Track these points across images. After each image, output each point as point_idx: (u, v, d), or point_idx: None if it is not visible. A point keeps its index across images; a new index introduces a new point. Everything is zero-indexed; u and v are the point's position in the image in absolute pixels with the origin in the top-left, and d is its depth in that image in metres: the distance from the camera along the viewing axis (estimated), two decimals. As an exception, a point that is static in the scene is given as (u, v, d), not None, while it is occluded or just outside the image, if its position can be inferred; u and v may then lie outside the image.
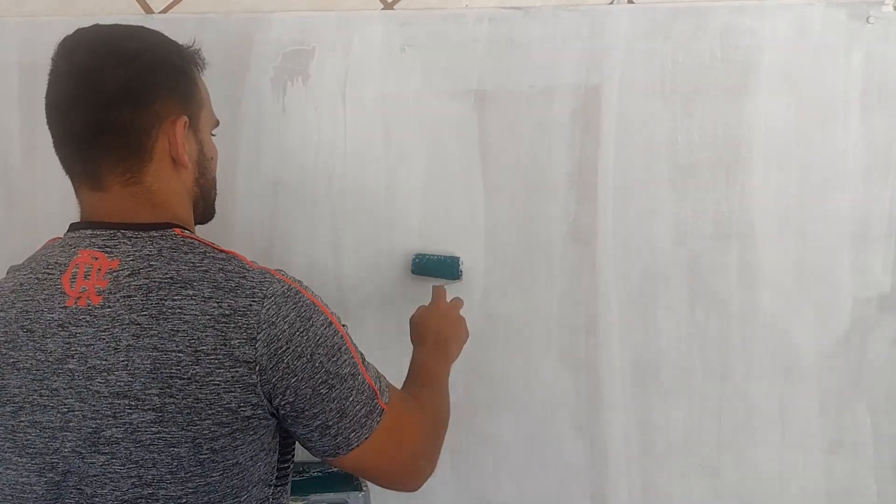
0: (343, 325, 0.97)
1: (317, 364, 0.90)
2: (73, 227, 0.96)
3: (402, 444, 1.00)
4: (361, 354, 0.98)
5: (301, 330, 0.90)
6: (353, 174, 1.43)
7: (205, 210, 1.07)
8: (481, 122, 1.43)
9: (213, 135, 1.10)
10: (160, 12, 1.40)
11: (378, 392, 0.97)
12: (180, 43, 1.03)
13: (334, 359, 0.92)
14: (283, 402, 0.90)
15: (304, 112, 1.42)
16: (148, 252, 0.91)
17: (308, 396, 0.90)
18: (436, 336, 1.26)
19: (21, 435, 0.89)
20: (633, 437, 1.50)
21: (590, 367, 1.49)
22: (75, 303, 0.89)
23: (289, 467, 1.04)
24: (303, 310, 0.91)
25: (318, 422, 0.92)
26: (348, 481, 1.37)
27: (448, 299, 1.36)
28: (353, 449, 0.94)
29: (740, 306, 1.48)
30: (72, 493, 0.88)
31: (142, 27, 1.01)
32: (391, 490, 1.06)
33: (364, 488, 1.32)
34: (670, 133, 1.45)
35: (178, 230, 0.95)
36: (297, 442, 1.00)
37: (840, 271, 1.47)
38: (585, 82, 1.44)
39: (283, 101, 1.42)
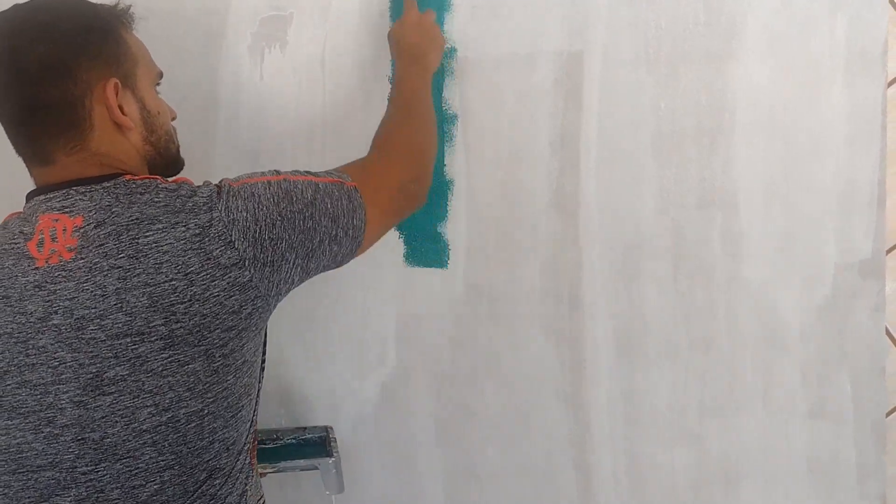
0: (279, 171, 1.02)
1: (288, 214, 0.96)
2: (29, 197, 0.98)
3: (390, 189, 1.12)
4: (311, 172, 1.05)
5: (255, 206, 0.95)
6: (334, 141, 1.41)
7: (167, 164, 1.08)
8: (462, 89, 1.41)
9: (158, 83, 1.09)
10: (132, -23, 1.36)
11: (340, 180, 1.05)
12: (103, 4, 1.02)
13: (293, 199, 0.98)
14: (292, 265, 0.97)
15: (282, 79, 1.39)
16: (107, 202, 0.93)
17: (304, 239, 0.97)
18: (413, 48, 1.30)
19: (9, 398, 0.91)
20: (617, 406, 1.50)
21: (573, 338, 1.49)
22: (46, 262, 0.91)
23: (265, 353, 1.10)
24: (243, 192, 0.96)
25: (327, 240, 1.00)
26: (319, 448, 1.36)
27: None
28: (366, 225, 1.05)
29: (724, 275, 1.48)
30: (70, 446, 0.91)
31: (54, 1, 0.99)
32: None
33: (335, 454, 1.31)
34: (654, 100, 1.44)
35: (127, 176, 0.96)
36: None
37: (824, 239, 1.47)
38: (568, 49, 1.42)
39: (260, 68, 1.39)
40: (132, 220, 0.91)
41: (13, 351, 0.91)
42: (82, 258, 0.90)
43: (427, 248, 1.45)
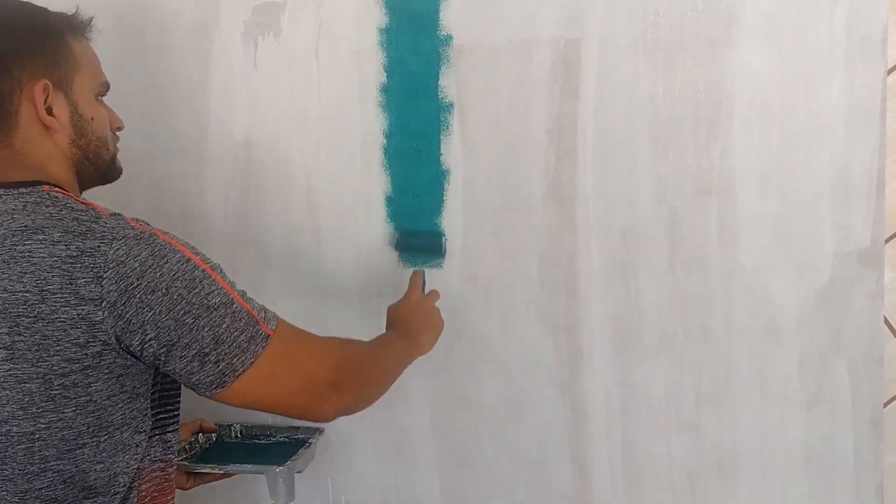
0: (211, 265, 0.98)
1: (175, 296, 0.92)
2: None
3: (296, 369, 1.02)
4: (242, 292, 1.00)
5: (154, 266, 0.92)
6: (328, 131, 1.40)
7: (97, 169, 1.08)
8: (458, 77, 1.40)
9: (103, 94, 1.10)
10: (124, -36, 1.35)
11: (260, 320, 0.99)
12: (59, 12, 1.05)
13: (196, 290, 0.94)
14: (146, 339, 0.92)
15: (276, 68, 1.38)
16: (13, 207, 0.94)
17: (172, 328, 0.92)
18: (405, 325, 1.28)
19: None
20: (613, 396, 1.50)
21: (570, 327, 1.48)
22: None
23: (169, 419, 1.06)
24: (156, 249, 0.93)
25: (194, 351, 0.94)
26: (293, 450, 1.35)
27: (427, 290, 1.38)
28: (239, 376, 0.96)
29: (721, 264, 1.47)
30: None
31: (9, 1, 1.03)
32: (299, 419, 1.09)
33: (287, 464, 1.29)
34: (651, 88, 1.43)
35: (46, 187, 0.97)
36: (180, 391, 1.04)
37: (821, 226, 1.46)
38: (565, 36, 1.41)
39: (254, 56, 1.38)
40: (21, 227, 0.92)
41: None
42: None
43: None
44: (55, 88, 1.01)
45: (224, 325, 0.95)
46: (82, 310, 0.90)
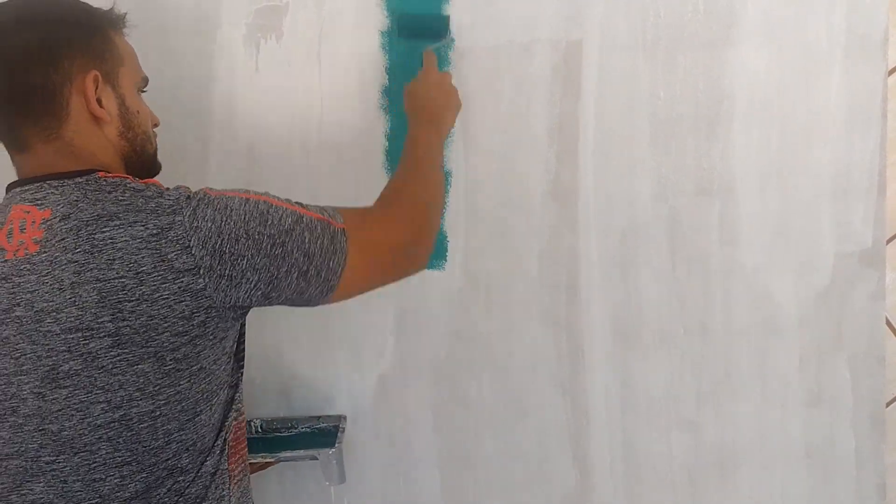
0: (264, 193, 1.01)
1: (256, 235, 0.95)
2: (7, 189, 1.01)
3: (381, 247, 1.07)
4: (300, 203, 1.03)
5: (224, 219, 0.94)
6: (330, 132, 1.41)
7: (143, 164, 1.09)
8: (460, 77, 1.40)
9: (144, 91, 1.12)
10: (126, -33, 1.36)
11: (328, 219, 1.02)
12: (98, 7, 1.06)
13: (268, 222, 0.96)
14: (251, 286, 0.95)
15: (278, 70, 1.39)
16: (75, 197, 0.94)
17: (269, 265, 0.96)
18: (431, 106, 1.29)
19: None
20: (613, 394, 1.51)
21: (570, 326, 1.49)
22: (14, 255, 0.94)
23: (241, 367, 1.09)
24: (216, 203, 0.95)
25: (294, 274, 0.97)
26: (331, 438, 1.37)
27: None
28: (341, 274, 1.01)
29: (721, 263, 1.48)
30: (34, 435, 0.93)
31: None
32: (406, 276, 1.15)
33: (337, 445, 1.31)
34: (651, 88, 1.43)
35: (101, 173, 0.98)
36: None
37: (821, 226, 1.47)
38: (566, 37, 1.41)
39: (256, 59, 1.38)
40: (93, 216, 0.92)
41: None
42: (45, 251, 0.92)
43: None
44: (104, 81, 1.02)
45: (307, 239, 0.98)
46: (182, 282, 0.91)
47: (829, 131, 1.44)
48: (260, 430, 1.41)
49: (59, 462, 0.94)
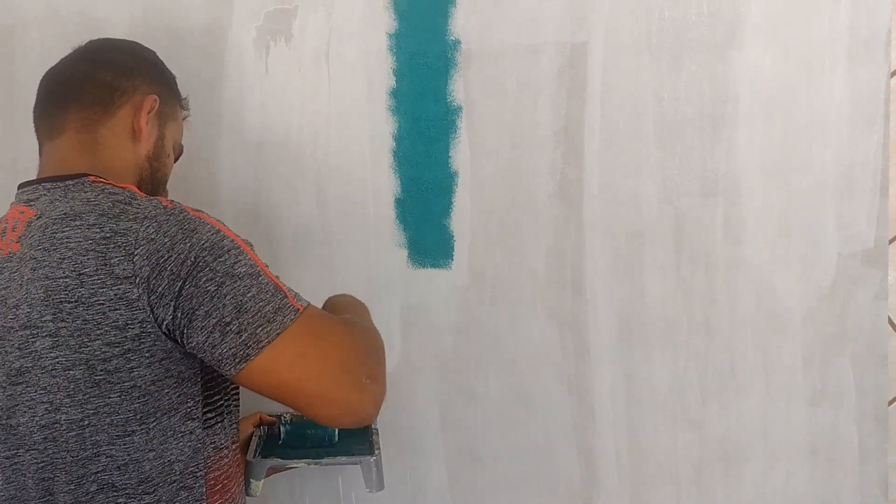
0: (243, 240, 0.96)
1: (201, 264, 0.91)
2: (18, 189, 1.05)
3: (329, 351, 0.94)
4: (277, 276, 0.96)
5: (183, 238, 0.91)
6: (338, 134, 1.43)
7: (151, 191, 1.12)
8: (466, 79, 1.42)
9: (177, 154, 1.20)
10: (139, -28, 1.38)
11: (288, 294, 0.94)
12: None
13: (221, 258, 0.92)
14: (173, 311, 0.90)
15: (287, 72, 1.41)
16: (56, 197, 0.97)
17: (194, 296, 0.90)
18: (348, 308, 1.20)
19: None
20: (619, 390, 1.52)
21: (576, 323, 1.50)
22: (2, 254, 0.98)
23: (229, 404, 1.04)
24: (186, 223, 0.93)
25: (214, 319, 0.90)
26: (362, 440, 1.31)
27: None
28: (263, 348, 0.90)
29: (725, 261, 1.49)
30: (4, 427, 0.96)
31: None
32: (337, 422, 1.00)
33: (377, 452, 1.26)
34: (657, 89, 1.44)
35: (91, 177, 1.00)
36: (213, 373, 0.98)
37: (825, 226, 1.48)
38: (571, 39, 1.43)
39: (265, 61, 1.40)
40: (61, 215, 0.94)
41: None
42: (21, 249, 0.95)
43: (431, 243, 1.46)
44: (156, 112, 1.10)
45: (249, 295, 0.91)
46: (119, 289, 0.90)
47: (832, 132, 1.44)
48: (289, 423, 1.34)
49: (16, 457, 0.96)
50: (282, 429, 1.31)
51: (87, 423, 0.92)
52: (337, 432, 1.29)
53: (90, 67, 1.09)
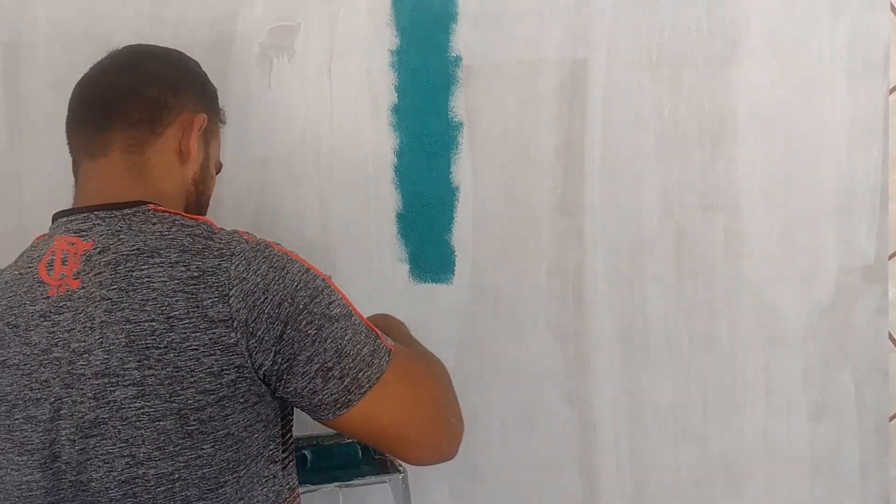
0: (327, 275, 0.93)
1: (300, 306, 0.87)
2: (54, 218, 0.96)
3: (422, 392, 0.94)
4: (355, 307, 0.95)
5: (276, 279, 0.87)
6: (341, 149, 1.43)
7: (196, 212, 1.06)
8: (468, 95, 1.43)
9: (217, 171, 1.15)
10: (144, -12, 1.39)
11: (379, 334, 0.92)
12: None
13: (317, 300, 0.88)
14: (273, 356, 0.86)
15: (290, 88, 1.41)
16: (118, 228, 0.90)
17: (296, 340, 0.86)
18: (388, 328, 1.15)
19: (17, 433, 0.88)
20: (620, 405, 1.52)
21: (578, 338, 1.51)
22: (56, 291, 0.88)
23: (292, 442, 1.01)
24: (275, 260, 0.88)
25: (316, 365, 0.87)
26: (381, 462, 1.31)
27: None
28: (365, 393, 0.88)
29: (726, 276, 1.50)
30: (70, 483, 0.87)
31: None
32: (426, 462, 0.99)
33: (403, 469, 1.25)
34: (657, 105, 1.46)
35: (151, 206, 0.93)
36: (297, 411, 0.95)
37: (825, 241, 1.48)
38: (572, 55, 1.44)
39: (269, 77, 1.41)
40: (133, 251, 0.87)
41: (20, 384, 0.88)
42: (83, 287, 0.87)
43: (433, 258, 1.47)
44: (203, 132, 1.04)
45: (346, 338, 0.88)
46: (213, 333, 0.83)
47: (832, 148, 1.45)
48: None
49: None
50: (307, 454, 1.29)
51: (177, 476, 0.85)
52: (360, 450, 1.29)
53: (133, 80, 0.99)
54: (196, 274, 0.85)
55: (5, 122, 1.40)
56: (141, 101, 0.98)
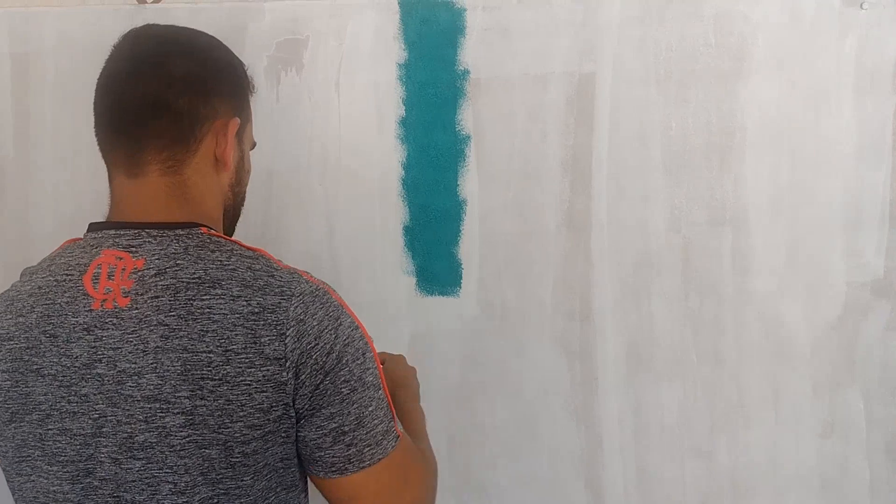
0: (370, 337, 0.95)
1: (343, 362, 0.88)
2: (95, 228, 0.94)
3: (408, 490, 0.95)
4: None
5: (330, 328, 0.88)
6: (347, 163, 1.43)
7: (234, 218, 1.06)
8: (475, 109, 1.43)
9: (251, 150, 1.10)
10: (152, 2, 1.40)
11: (394, 415, 0.94)
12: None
13: (359, 362, 0.90)
14: (302, 395, 0.87)
15: (297, 101, 1.42)
16: (174, 250, 0.89)
17: (329, 393, 0.87)
18: (404, 382, 1.19)
19: (50, 443, 0.88)
20: (627, 421, 1.52)
21: (584, 353, 1.50)
22: (101, 305, 0.87)
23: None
24: (331, 309, 0.89)
25: (335, 424, 0.88)
26: None
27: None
28: (363, 468, 0.90)
29: (734, 292, 1.49)
30: (108, 500, 0.87)
31: (214, 38, 1.03)
32: None
33: None
34: (664, 119, 1.46)
35: (204, 229, 0.92)
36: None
37: (833, 256, 1.48)
38: (579, 69, 1.44)
39: (276, 90, 1.42)
40: (194, 279, 0.86)
41: (56, 395, 0.87)
42: (136, 308, 0.86)
43: (440, 271, 1.47)
44: (237, 132, 0.99)
45: (370, 409, 0.90)
46: (268, 371, 0.84)
47: (839, 163, 1.45)
48: None
49: None
50: None
51: (216, 501, 0.86)
52: None
53: (161, 88, 0.92)
54: (257, 310, 0.85)
55: (14, 133, 1.41)
56: (172, 117, 0.93)
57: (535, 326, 1.49)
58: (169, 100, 0.92)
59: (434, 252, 1.46)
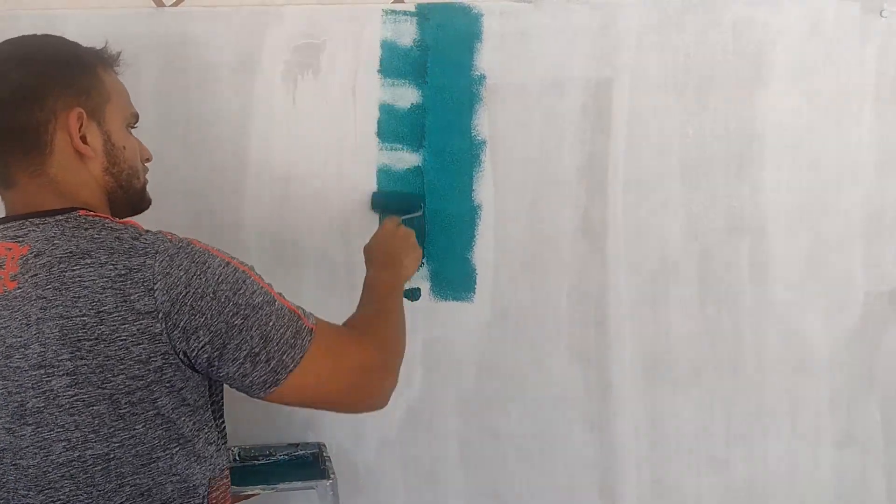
0: (248, 266, 1.00)
1: (222, 299, 0.94)
2: None
3: (345, 361, 1.03)
4: (279, 293, 1.01)
5: (198, 273, 0.94)
6: (364, 167, 1.43)
7: (129, 199, 1.10)
8: (491, 115, 1.43)
9: (134, 127, 1.13)
10: (171, 6, 1.40)
11: (301, 315, 1.00)
12: (90, 46, 1.09)
13: (240, 291, 0.96)
14: (199, 344, 0.94)
15: (314, 105, 1.42)
16: (52, 234, 0.96)
17: (223, 331, 0.94)
18: (384, 253, 1.29)
19: None
20: (642, 431, 1.51)
21: (600, 362, 1.49)
22: None
23: (224, 428, 1.10)
24: (196, 256, 0.95)
25: (244, 352, 0.95)
26: (313, 465, 1.38)
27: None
28: (290, 372, 0.97)
29: (752, 301, 1.48)
30: (9, 469, 0.94)
31: (48, 35, 1.08)
32: (356, 413, 1.11)
33: (332, 476, 1.31)
34: (682, 127, 1.45)
35: (83, 211, 0.99)
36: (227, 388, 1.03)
37: (852, 266, 1.47)
38: (596, 76, 1.44)
39: (293, 94, 1.42)
40: (66, 253, 0.93)
41: None
42: (20, 288, 0.93)
43: (454, 276, 1.46)
44: (89, 118, 1.03)
45: (271, 324, 0.97)
46: (141, 324, 0.91)
47: (859, 172, 1.44)
48: (238, 458, 1.40)
49: (28, 497, 0.94)
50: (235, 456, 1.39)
51: (112, 456, 0.93)
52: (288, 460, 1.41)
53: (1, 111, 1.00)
54: (124, 272, 0.92)
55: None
56: (16, 133, 1.00)
57: (549, 333, 1.49)
58: (10, 120, 1.00)
59: (448, 257, 1.45)
